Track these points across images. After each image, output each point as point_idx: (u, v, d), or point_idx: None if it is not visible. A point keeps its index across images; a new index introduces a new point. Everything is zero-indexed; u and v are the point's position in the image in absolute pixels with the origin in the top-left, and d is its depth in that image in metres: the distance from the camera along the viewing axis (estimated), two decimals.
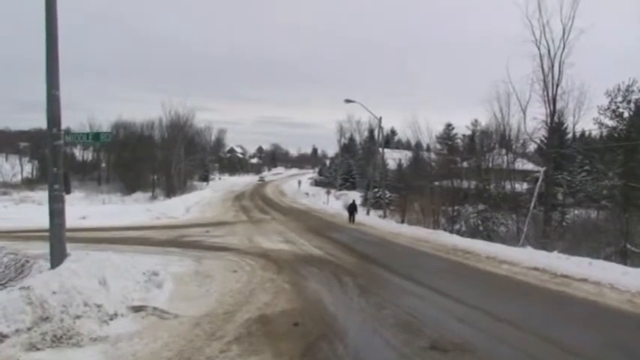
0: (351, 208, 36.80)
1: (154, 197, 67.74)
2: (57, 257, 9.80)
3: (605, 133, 37.57)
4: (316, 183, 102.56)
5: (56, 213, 9.94)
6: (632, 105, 32.77)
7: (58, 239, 9.99)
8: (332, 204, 57.10)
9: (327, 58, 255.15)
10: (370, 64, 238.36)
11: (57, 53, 9.88)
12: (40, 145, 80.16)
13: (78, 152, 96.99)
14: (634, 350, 7.90)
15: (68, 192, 54.44)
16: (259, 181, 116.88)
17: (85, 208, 40.66)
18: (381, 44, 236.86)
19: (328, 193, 62.59)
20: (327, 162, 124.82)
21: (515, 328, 8.89)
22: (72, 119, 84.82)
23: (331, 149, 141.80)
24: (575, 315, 10.23)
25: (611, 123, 34.21)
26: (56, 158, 10.05)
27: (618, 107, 33.10)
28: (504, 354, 7.74)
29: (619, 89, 32.64)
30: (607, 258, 20.79)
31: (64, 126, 10.39)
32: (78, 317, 8.16)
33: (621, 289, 12.02)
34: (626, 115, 33.39)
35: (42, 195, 43.58)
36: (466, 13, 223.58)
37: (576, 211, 37.60)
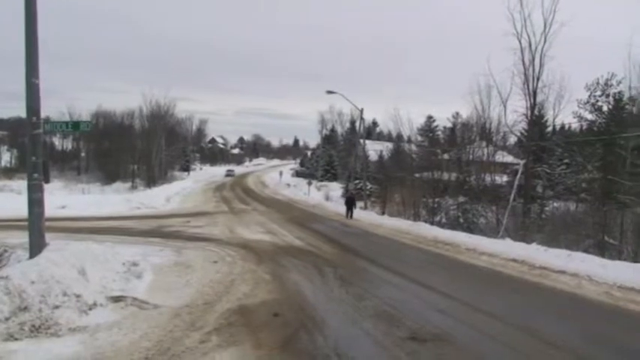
0: (349, 202, 32.95)
1: (134, 187, 67.44)
2: (36, 247, 9.75)
3: (584, 127, 37.91)
4: (297, 174, 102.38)
5: (35, 202, 9.88)
6: (611, 99, 33.17)
7: (37, 229, 9.94)
8: (313, 195, 57.07)
9: (309, 49, 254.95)
10: (352, 55, 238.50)
11: (36, 42, 9.80)
12: (19, 134, 79.46)
13: (57, 141, 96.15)
14: (611, 341, 8.01)
15: (47, 181, 53.84)
16: (227, 176, 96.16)
17: (65, 198, 40.37)
18: (362, 36, 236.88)
19: (309, 184, 62.55)
20: (309, 153, 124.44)
21: (494, 319, 8.98)
22: (51, 108, 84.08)
23: (313, 140, 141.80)
24: (553, 306, 10.34)
25: (590, 116, 34.66)
26: (35, 147, 9.98)
27: (597, 101, 33.52)
28: (483, 344, 7.81)
29: (598, 83, 33.04)
30: (585, 250, 20.97)
31: (43, 115, 10.32)
32: (57, 307, 8.11)
33: (599, 281, 12.17)
34: (605, 108, 33.81)
35: (21, 184, 43.22)
36: (449, 5, 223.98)
37: (555, 204, 37.90)
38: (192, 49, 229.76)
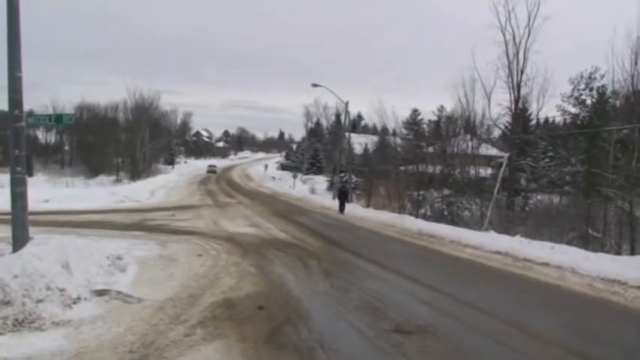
0: (342, 196, 31.66)
1: (118, 180, 67.43)
2: (19, 241, 9.67)
3: (568, 120, 38.16)
4: (283, 167, 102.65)
5: (18, 196, 9.79)
6: (594, 92, 33.37)
7: (20, 223, 9.85)
8: (298, 188, 57.30)
9: (294, 42, 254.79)
10: (338, 49, 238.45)
11: (19, 35, 9.69)
12: (1, 127, 78.82)
13: (41, 134, 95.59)
14: (594, 333, 8.06)
15: (30, 175, 53.63)
16: (209, 172, 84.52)
17: (48, 192, 40.23)
18: (349, 29, 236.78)
19: (295, 177, 62.75)
20: (294, 146, 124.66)
21: (478, 311, 9.02)
22: (35, 101, 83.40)
23: (298, 133, 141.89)
24: (536, 298, 10.43)
25: (574, 110, 34.86)
26: (18, 140, 9.88)
27: (581, 94, 33.72)
28: (467, 336, 7.85)
29: (582, 77, 33.24)
30: (569, 243, 21.18)
31: (26, 108, 10.23)
32: (40, 301, 8.06)
33: (582, 273, 12.24)
34: (588, 102, 34.02)
35: (3, 178, 42.88)
36: None
37: (539, 197, 38.21)
38: (178, 42, 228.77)
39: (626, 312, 9.31)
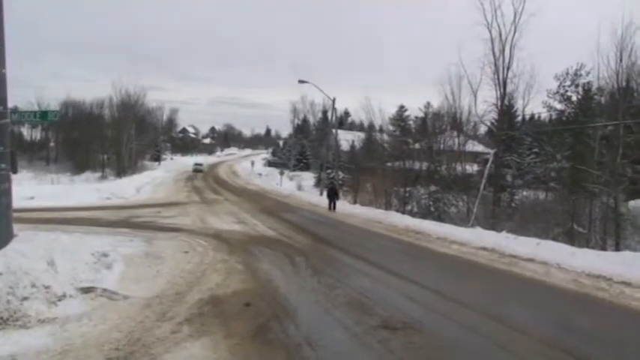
0: (331, 193, 30.96)
1: (103, 177, 66.92)
2: (4, 238, 9.60)
3: (554, 117, 38.43)
4: (270, 164, 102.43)
5: (3, 193, 9.73)
6: (580, 89, 33.61)
7: (4, 220, 9.78)
8: (285, 185, 57.20)
9: (281, 38, 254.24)
10: (325, 45, 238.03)
11: (3, 31, 9.62)
12: None
13: (26, 131, 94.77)
14: (579, 329, 8.10)
15: (15, 171, 53.08)
16: (195, 171, 78.47)
17: (34, 188, 39.90)
18: (336, 25, 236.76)
19: (282, 173, 62.64)
20: (281, 143, 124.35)
21: (464, 307, 9.04)
22: (20, 97, 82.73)
23: (285, 130, 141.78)
24: (522, 294, 10.48)
25: (559, 106, 35.13)
26: (2, 137, 9.81)
27: (567, 91, 33.98)
28: (453, 332, 7.87)
29: (567, 73, 33.48)
30: (555, 238, 21.26)
31: (11, 104, 10.14)
32: (25, 299, 8.01)
33: (568, 268, 12.31)
34: (574, 98, 34.26)
35: None
36: None
37: (525, 193, 38.36)
38: (164, 38, 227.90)
39: (611, 307, 9.36)
